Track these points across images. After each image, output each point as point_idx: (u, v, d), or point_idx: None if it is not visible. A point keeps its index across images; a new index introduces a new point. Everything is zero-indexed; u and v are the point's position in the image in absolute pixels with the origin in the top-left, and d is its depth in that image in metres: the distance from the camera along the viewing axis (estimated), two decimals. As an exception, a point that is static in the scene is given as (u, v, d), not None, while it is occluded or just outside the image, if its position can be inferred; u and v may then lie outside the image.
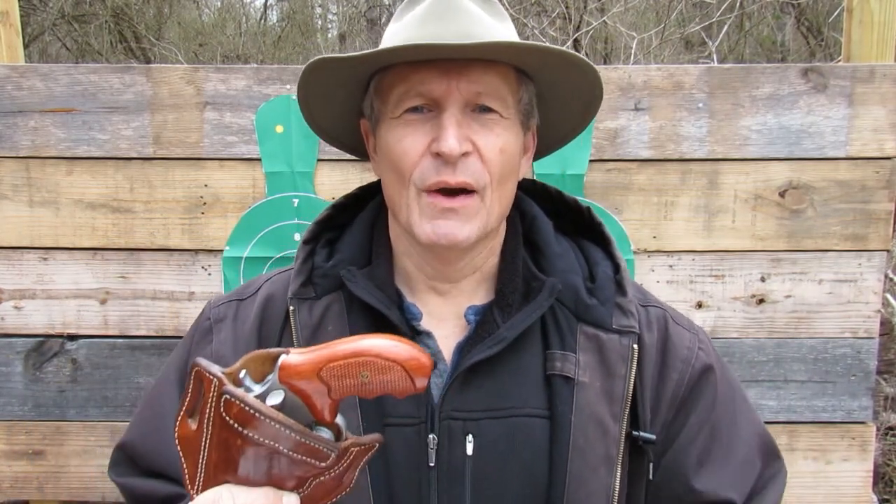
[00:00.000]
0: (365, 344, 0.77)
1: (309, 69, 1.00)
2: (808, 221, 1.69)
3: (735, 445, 1.10)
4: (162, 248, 1.73)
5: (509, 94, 0.99)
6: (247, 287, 1.18)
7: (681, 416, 1.08)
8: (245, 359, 0.80)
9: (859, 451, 1.73)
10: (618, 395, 1.02)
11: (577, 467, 0.99)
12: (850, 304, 1.71)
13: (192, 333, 1.16)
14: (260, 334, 1.09)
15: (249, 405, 0.74)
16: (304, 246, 1.11)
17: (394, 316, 1.02)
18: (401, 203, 1.00)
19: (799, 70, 1.67)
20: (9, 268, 1.74)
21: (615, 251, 1.11)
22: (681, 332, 1.11)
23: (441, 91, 0.95)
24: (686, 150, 1.68)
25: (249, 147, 1.70)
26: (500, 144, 0.97)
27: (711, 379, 1.09)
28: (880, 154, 1.67)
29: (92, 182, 1.71)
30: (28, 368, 1.76)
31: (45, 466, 1.77)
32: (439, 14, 0.96)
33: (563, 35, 5.38)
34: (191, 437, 0.78)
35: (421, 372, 0.76)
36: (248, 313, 1.12)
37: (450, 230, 0.97)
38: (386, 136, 1.01)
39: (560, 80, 1.03)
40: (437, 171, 0.95)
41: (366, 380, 0.76)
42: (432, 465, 0.99)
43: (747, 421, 1.12)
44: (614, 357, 1.03)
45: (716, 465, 1.08)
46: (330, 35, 9.86)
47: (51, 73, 1.69)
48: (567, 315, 1.05)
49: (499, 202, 1.01)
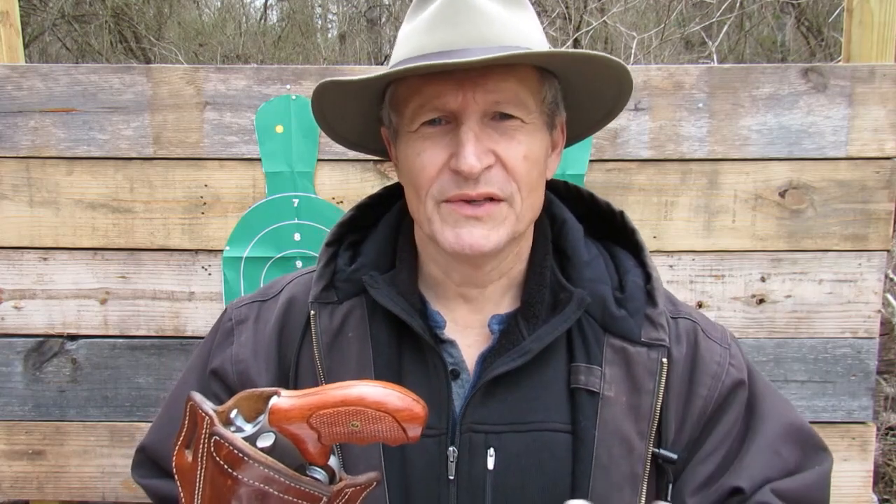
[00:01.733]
0: (356, 392, 0.76)
1: (317, 93, 0.98)
2: (808, 221, 1.69)
3: (750, 443, 1.05)
4: (162, 248, 1.73)
5: (530, 97, 0.94)
6: (269, 288, 1.16)
7: (704, 433, 1.04)
8: (237, 398, 0.80)
9: (859, 451, 1.73)
10: (645, 412, 0.99)
11: (601, 485, 0.96)
12: (850, 304, 1.71)
13: (214, 334, 1.15)
14: (280, 338, 1.07)
15: (238, 448, 0.75)
16: (327, 248, 1.08)
17: (416, 324, 0.99)
18: (421, 216, 0.98)
19: (799, 70, 1.67)
20: (9, 268, 1.74)
21: (647, 259, 1.07)
22: (711, 346, 1.06)
23: (457, 104, 0.91)
24: (686, 150, 1.68)
25: (249, 147, 1.70)
26: (523, 152, 0.93)
27: (740, 396, 1.05)
28: (880, 154, 1.67)
29: (92, 182, 1.71)
30: (28, 368, 1.76)
31: (45, 466, 1.77)
32: (449, 17, 0.91)
33: (563, 35, 5.38)
34: (187, 468, 0.79)
35: (414, 422, 0.75)
36: (270, 316, 1.10)
37: (475, 240, 0.93)
38: (405, 150, 0.98)
39: (585, 71, 0.98)
40: (457, 185, 0.92)
41: (356, 428, 0.76)
42: (452, 477, 0.97)
43: (770, 415, 1.06)
44: (642, 371, 0.99)
45: (721, 479, 1.03)
46: (330, 35, 9.86)
47: (51, 73, 1.69)
48: (594, 326, 1.01)
49: (531, 207, 0.98)
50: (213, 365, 1.10)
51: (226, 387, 1.08)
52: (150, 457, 1.14)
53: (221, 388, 1.09)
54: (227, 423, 0.79)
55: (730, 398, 1.04)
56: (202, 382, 1.11)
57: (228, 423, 0.79)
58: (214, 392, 1.08)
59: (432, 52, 0.91)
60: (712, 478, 1.03)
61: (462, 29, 0.90)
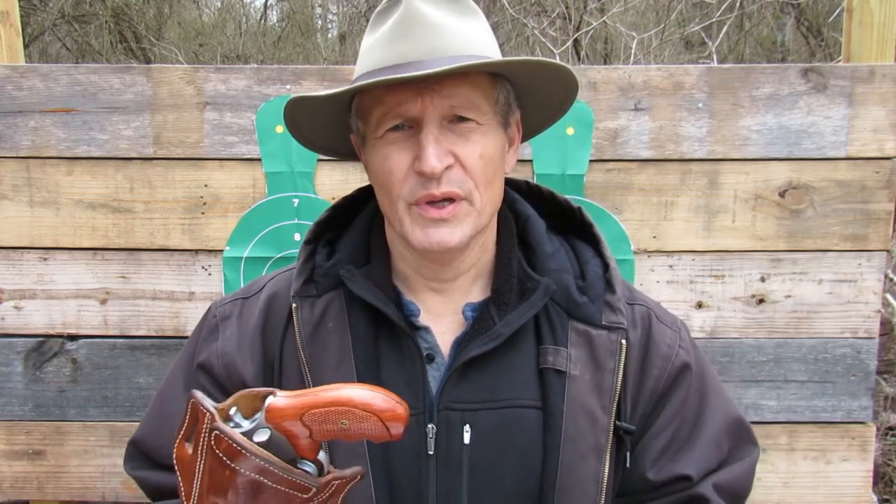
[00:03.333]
0: (345, 394, 0.84)
1: (288, 106, 1.05)
2: (808, 221, 1.69)
3: (699, 433, 1.14)
4: (162, 248, 1.73)
5: (483, 101, 1.02)
6: (251, 286, 1.22)
7: (656, 410, 1.13)
8: (236, 396, 0.88)
9: (859, 451, 1.73)
10: (606, 388, 1.08)
11: (569, 455, 1.05)
12: (850, 304, 1.71)
13: (199, 331, 1.20)
14: (264, 331, 1.14)
15: (237, 442, 0.82)
16: (306, 246, 1.15)
17: (391, 313, 1.06)
18: (393, 216, 1.05)
19: (799, 70, 1.67)
20: (9, 268, 1.74)
21: (605, 250, 1.16)
22: (663, 329, 1.16)
23: (417, 110, 0.99)
24: (686, 150, 1.68)
25: (249, 147, 1.70)
26: (478, 151, 1.01)
27: (687, 377, 1.15)
28: (880, 154, 1.67)
29: (92, 182, 1.71)
30: (28, 368, 1.76)
31: (45, 466, 1.77)
32: (405, 32, 1.00)
33: (562, 35, 5.38)
34: (187, 459, 0.86)
35: (397, 421, 0.83)
36: (253, 311, 1.16)
37: (441, 237, 1.01)
38: (372, 155, 1.05)
39: (533, 73, 1.06)
40: (423, 186, 1.00)
41: (345, 426, 0.83)
42: (431, 453, 1.05)
43: (717, 408, 1.16)
44: (603, 352, 1.08)
45: (674, 456, 1.13)
46: (330, 35, 9.86)
47: (51, 73, 1.69)
48: (559, 312, 1.10)
49: (490, 201, 1.05)
50: (200, 359, 1.16)
51: (212, 379, 1.14)
52: (141, 449, 1.19)
53: (208, 381, 1.14)
54: (226, 420, 0.85)
55: (679, 378, 1.14)
56: (189, 377, 1.17)
57: (227, 420, 0.86)
58: (202, 384, 1.14)
59: (392, 65, 0.99)
60: (665, 451, 1.13)
61: (418, 42, 0.99)
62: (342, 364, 1.06)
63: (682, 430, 1.14)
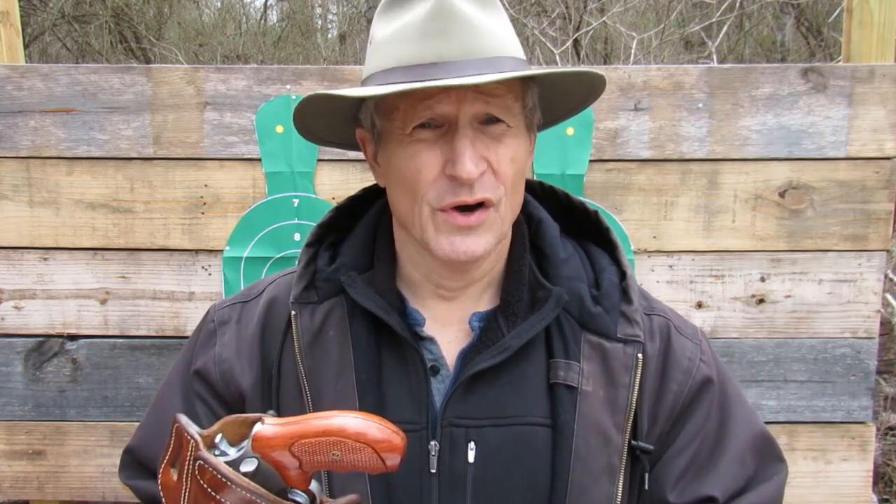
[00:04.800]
0: (337, 423, 0.78)
1: (310, 101, 0.98)
2: (807, 221, 1.69)
3: (723, 450, 1.08)
4: (162, 248, 1.73)
5: (515, 103, 0.98)
6: (251, 289, 1.17)
7: (676, 427, 1.07)
8: (222, 422, 0.83)
9: (859, 451, 1.73)
10: (621, 405, 1.02)
11: (579, 476, 0.99)
12: (849, 304, 1.71)
13: (197, 336, 1.16)
14: (263, 338, 1.09)
15: (221, 473, 0.77)
16: (307, 249, 1.10)
17: (394, 322, 1.01)
18: (413, 221, 0.99)
19: (799, 70, 1.67)
20: (9, 268, 1.74)
21: (621, 257, 1.09)
22: (683, 342, 1.09)
23: (452, 109, 0.94)
24: (686, 150, 1.68)
25: (249, 147, 1.70)
26: (510, 155, 0.97)
27: (709, 391, 1.09)
28: (880, 154, 1.67)
29: (92, 182, 1.71)
30: (28, 368, 1.76)
31: (45, 466, 1.77)
32: (441, 29, 0.93)
33: (562, 35, 5.38)
34: (172, 486, 0.81)
35: (393, 452, 0.78)
36: (252, 316, 1.11)
37: (469, 247, 0.96)
38: (395, 153, 0.98)
39: (566, 79, 1.03)
40: (454, 192, 0.94)
41: (336, 458, 0.78)
42: (434, 471, 0.99)
43: (742, 424, 1.10)
44: (618, 366, 1.02)
45: (696, 476, 1.07)
46: (330, 35, 9.86)
47: (51, 73, 1.69)
48: (571, 323, 1.04)
49: (511, 209, 1.01)
50: (197, 365, 1.11)
51: (209, 387, 1.10)
52: (136, 458, 1.16)
53: (205, 389, 1.10)
54: (211, 447, 0.81)
55: (700, 393, 1.08)
56: (186, 384, 1.12)
57: (213, 447, 0.81)
58: (198, 392, 1.10)
59: (429, 63, 0.93)
60: (686, 471, 1.06)
61: (455, 41, 0.93)
62: (342, 375, 1.02)
63: (704, 448, 1.08)
